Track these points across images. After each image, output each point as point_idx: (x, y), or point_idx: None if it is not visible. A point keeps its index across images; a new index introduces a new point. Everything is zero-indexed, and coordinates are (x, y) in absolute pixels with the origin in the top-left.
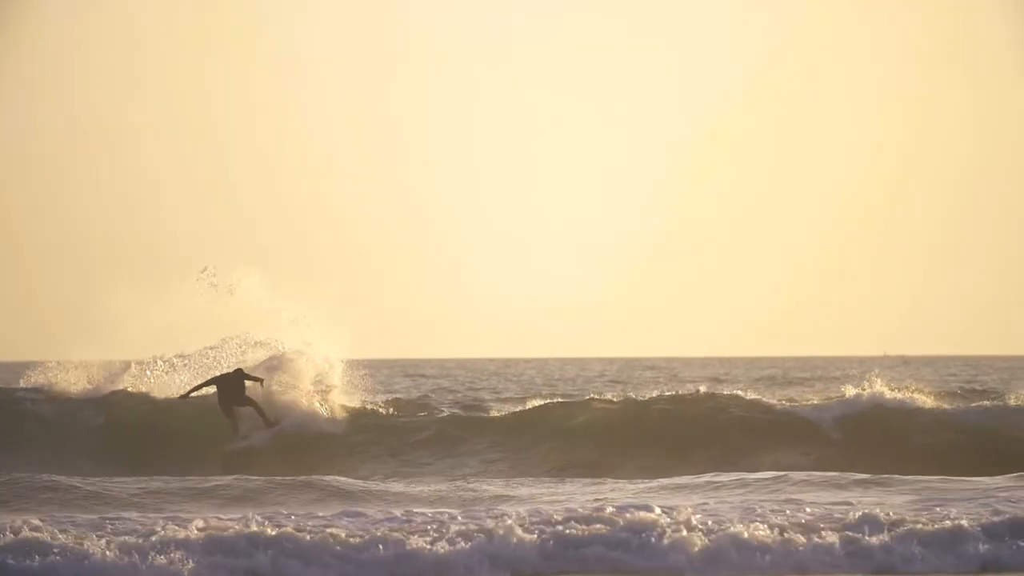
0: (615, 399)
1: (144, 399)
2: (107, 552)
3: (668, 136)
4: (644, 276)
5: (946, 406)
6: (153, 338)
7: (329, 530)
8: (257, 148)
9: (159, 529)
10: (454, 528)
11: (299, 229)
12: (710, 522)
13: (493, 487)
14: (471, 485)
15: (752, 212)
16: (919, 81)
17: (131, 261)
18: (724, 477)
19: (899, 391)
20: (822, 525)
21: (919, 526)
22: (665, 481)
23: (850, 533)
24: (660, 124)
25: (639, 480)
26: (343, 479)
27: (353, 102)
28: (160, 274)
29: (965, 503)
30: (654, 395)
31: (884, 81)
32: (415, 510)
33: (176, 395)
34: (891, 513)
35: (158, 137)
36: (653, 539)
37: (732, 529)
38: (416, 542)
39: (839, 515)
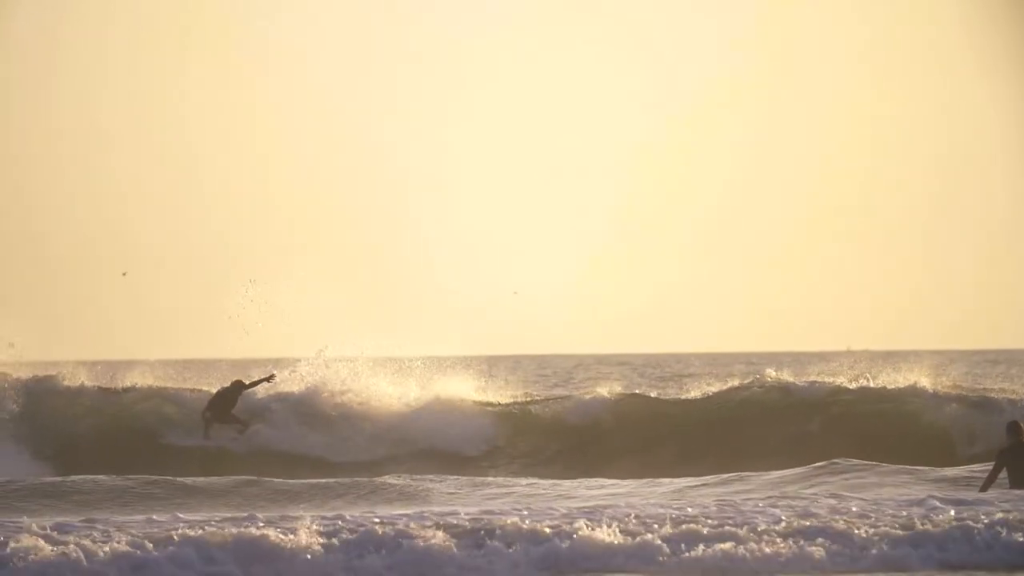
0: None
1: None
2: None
3: (629, 134)
4: (605, 273)
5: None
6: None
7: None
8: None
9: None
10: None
11: (272, 227)
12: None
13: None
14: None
15: (714, 209)
16: (880, 82)
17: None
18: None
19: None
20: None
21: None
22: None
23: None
24: (620, 120)
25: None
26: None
27: (324, 96)
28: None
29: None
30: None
31: (846, 80)
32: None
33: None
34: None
35: (138, 138)
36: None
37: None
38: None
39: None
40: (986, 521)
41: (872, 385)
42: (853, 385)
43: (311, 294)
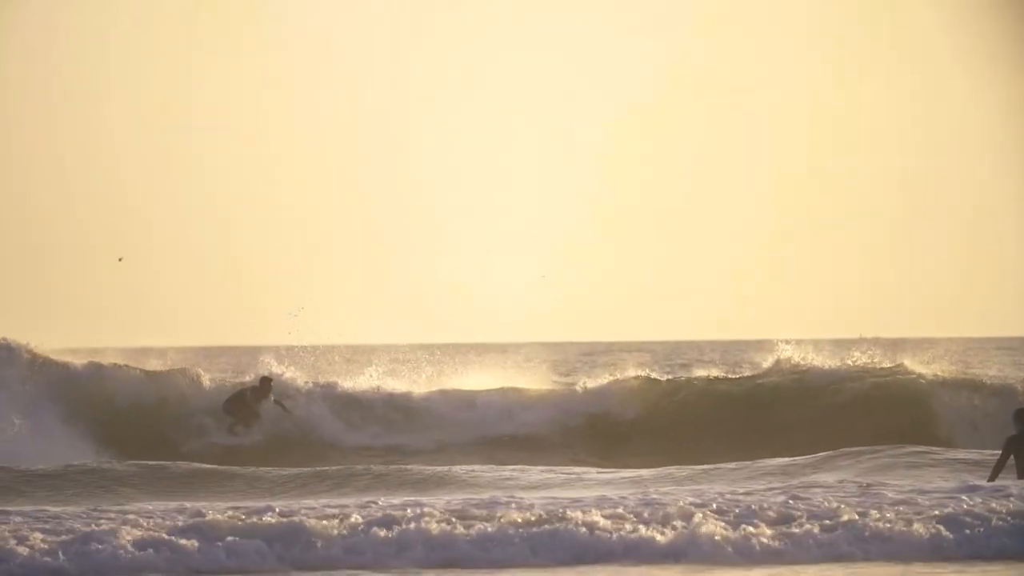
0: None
1: None
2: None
3: (624, 125)
4: (612, 262)
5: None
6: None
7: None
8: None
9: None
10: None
11: (283, 221)
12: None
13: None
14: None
15: (722, 195)
16: (877, 65)
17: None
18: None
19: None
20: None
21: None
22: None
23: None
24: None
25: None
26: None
27: (329, 91)
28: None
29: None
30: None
31: (839, 62)
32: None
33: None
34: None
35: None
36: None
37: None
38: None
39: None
40: (1002, 511)
41: (883, 371)
42: (865, 370)
43: (325, 286)
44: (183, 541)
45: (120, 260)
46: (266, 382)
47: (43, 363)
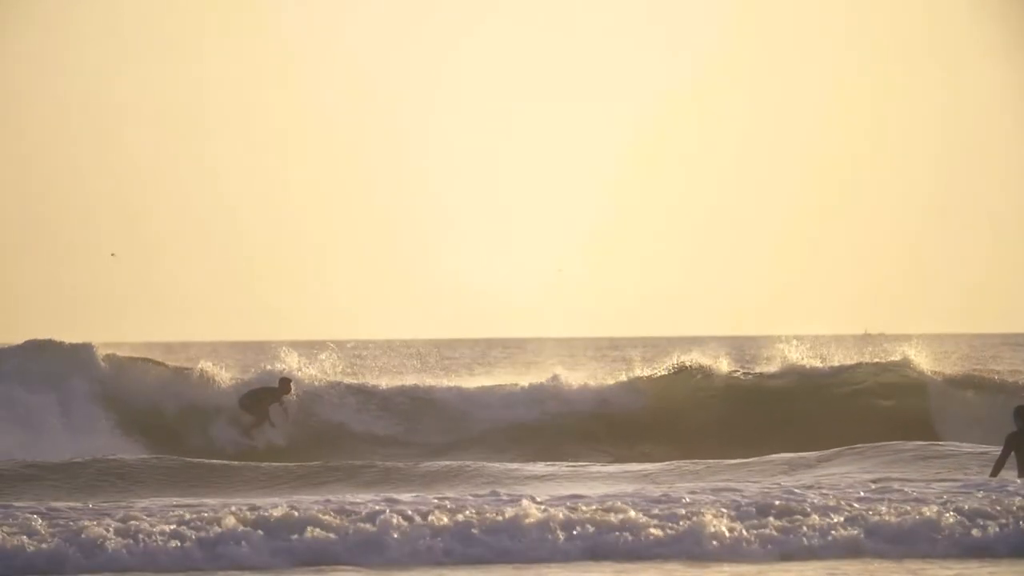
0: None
1: None
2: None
3: (630, 121)
4: (617, 258)
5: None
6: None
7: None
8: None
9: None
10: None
11: (282, 215)
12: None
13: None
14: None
15: (726, 191)
16: (888, 62)
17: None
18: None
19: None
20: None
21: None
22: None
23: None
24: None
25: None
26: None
27: (333, 86)
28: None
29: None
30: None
31: (851, 59)
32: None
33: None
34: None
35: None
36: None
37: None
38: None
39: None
40: (1004, 509)
41: (890, 366)
42: (872, 365)
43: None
44: (188, 536)
45: (112, 255)
46: (285, 383)
47: (68, 359)
